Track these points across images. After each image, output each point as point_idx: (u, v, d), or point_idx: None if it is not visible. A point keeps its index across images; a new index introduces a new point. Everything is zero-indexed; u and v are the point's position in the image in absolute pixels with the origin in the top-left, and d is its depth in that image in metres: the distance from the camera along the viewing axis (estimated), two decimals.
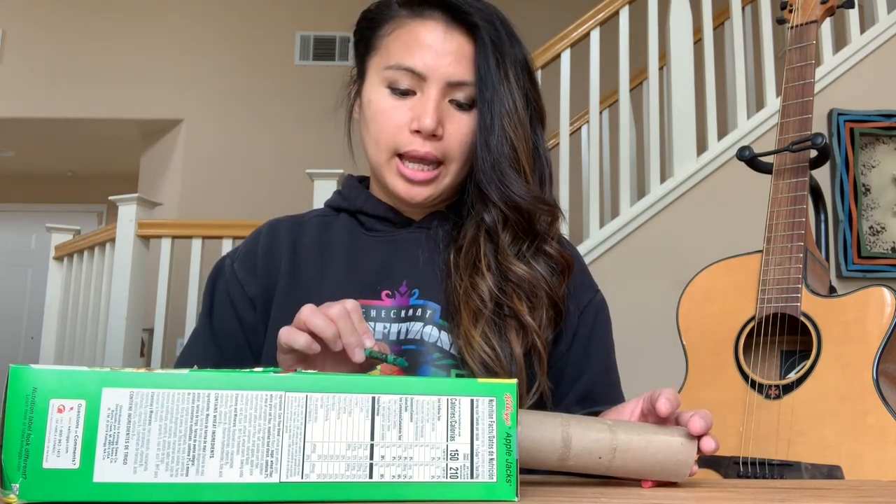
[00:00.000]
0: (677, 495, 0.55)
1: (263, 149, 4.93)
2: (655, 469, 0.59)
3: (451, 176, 0.85)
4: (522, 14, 0.88)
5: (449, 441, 0.47)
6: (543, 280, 0.84)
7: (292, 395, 0.45)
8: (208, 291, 0.90)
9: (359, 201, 0.91)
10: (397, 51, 0.83)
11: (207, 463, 0.44)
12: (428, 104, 0.81)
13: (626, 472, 0.60)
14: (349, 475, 0.45)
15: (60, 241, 3.46)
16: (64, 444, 0.42)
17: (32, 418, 0.42)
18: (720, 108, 3.11)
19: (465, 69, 0.82)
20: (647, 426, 0.61)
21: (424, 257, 0.86)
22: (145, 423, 0.43)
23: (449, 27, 0.83)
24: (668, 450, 0.59)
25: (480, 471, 0.47)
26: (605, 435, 0.59)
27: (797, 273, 1.17)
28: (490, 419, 0.48)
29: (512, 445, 0.48)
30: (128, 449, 0.43)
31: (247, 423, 0.44)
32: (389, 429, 0.47)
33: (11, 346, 6.16)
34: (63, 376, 0.43)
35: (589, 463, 0.59)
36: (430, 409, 0.47)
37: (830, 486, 0.69)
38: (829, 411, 1.09)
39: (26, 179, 6.52)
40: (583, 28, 3.08)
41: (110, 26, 5.06)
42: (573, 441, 0.58)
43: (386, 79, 0.83)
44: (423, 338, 0.81)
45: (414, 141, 0.82)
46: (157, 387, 0.44)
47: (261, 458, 0.44)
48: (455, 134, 0.83)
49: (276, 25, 5.11)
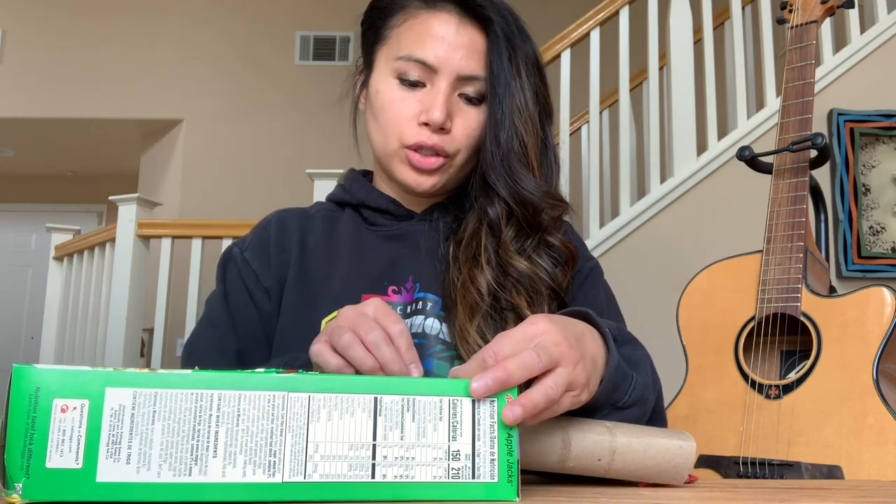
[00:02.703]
0: (677, 495, 0.55)
1: (263, 149, 4.93)
2: (654, 471, 0.60)
3: (456, 168, 0.85)
4: (522, 14, 0.88)
5: (451, 441, 0.47)
6: (546, 272, 0.83)
7: (295, 395, 0.45)
8: (220, 279, 0.88)
9: (361, 194, 0.91)
10: (409, 42, 0.82)
11: (210, 463, 0.44)
12: (437, 97, 0.80)
13: (624, 475, 0.60)
14: (352, 475, 0.45)
15: (60, 241, 3.45)
16: (67, 444, 0.42)
17: (35, 418, 0.42)
18: (720, 108, 3.11)
19: (476, 63, 0.82)
20: (647, 429, 0.61)
21: (426, 249, 0.86)
22: (148, 422, 0.43)
23: (462, 20, 0.82)
24: (666, 453, 0.59)
25: (482, 471, 0.48)
26: (605, 437, 0.59)
27: (797, 273, 1.17)
28: (491, 420, 0.48)
29: (513, 446, 0.48)
30: (131, 449, 0.43)
31: (250, 423, 0.44)
32: (391, 429, 0.47)
33: (11, 346, 6.16)
34: (66, 376, 0.43)
35: (588, 465, 0.59)
36: (432, 410, 0.48)
37: (830, 486, 0.69)
38: (829, 411, 1.09)
39: (26, 179, 6.52)
40: (583, 28, 3.08)
41: (110, 26, 5.06)
42: (573, 443, 0.58)
43: (396, 69, 0.82)
44: (426, 330, 0.81)
45: (422, 133, 0.82)
46: (160, 387, 0.44)
47: (264, 458, 0.44)
48: (463, 128, 0.83)
49: (276, 25, 5.11)
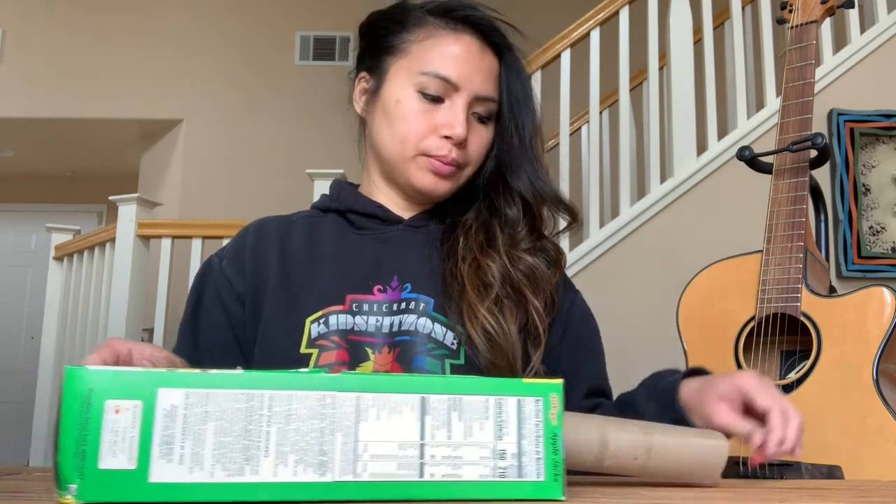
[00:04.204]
0: (677, 495, 0.55)
1: (263, 149, 4.92)
2: (687, 470, 0.61)
3: (464, 178, 0.92)
4: (522, 14, 0.89)
5: (497, 440, 0.48)
6: (542, 270, 0.91)
7: (344, 395, 0.46)
8: (196, 288, 0.93)
9: (349, 200, 0.95)
10: (433, 59, 0.88)
11: (262, 462, 0.44)
12: (459, 115, 0.87)
13: (660, 473, 0.61)
14: (400, 474, 0.46)
15: (60, 241, 3.45)
16: (120, 445, 0.42)
17: (89, 419, 0.42)
18: (720, 108, 3.11)
19: (492, 86, 0.90)
20: (680, 429, 0.63)
21: (416, 253, 0.90)
22: (201, 423, 0.43)
23: (483, 46, 0.90)
24: (700, 452, 0.61)
25: (528, 470, 0.48)
26: (641, 436, 0.60)
27: (797, 273, 1.17)
28: (537, 419, 0.49)
29: (558, 445, 0.48)
30: (183, 449, 0.43)
31: (300, 422, 0.45)
32: (439, 428, 0.47)
33: (11, 346, 6.15)
34: (119, 377, 0.43)
35: (625, 463, 0.60)
36: (478, 409, 0.48)
37: (830, 486, 0.69)
38: (829, 411, 1.09)
39: (26, 179, 6.51)
40: (583, 28, 3.08)
41: (110, 26, 5.06)
42: (610, 442, 0.59)
43: (418, 83, 0.88)
44: (417, 329, 0.84)
45: (443, 146, 0.88)
46: (211, 387, 0.44)
47: (314, 458, 0.44)
48: (475, 144, 0.90)
49: (276, 25, 5.11)
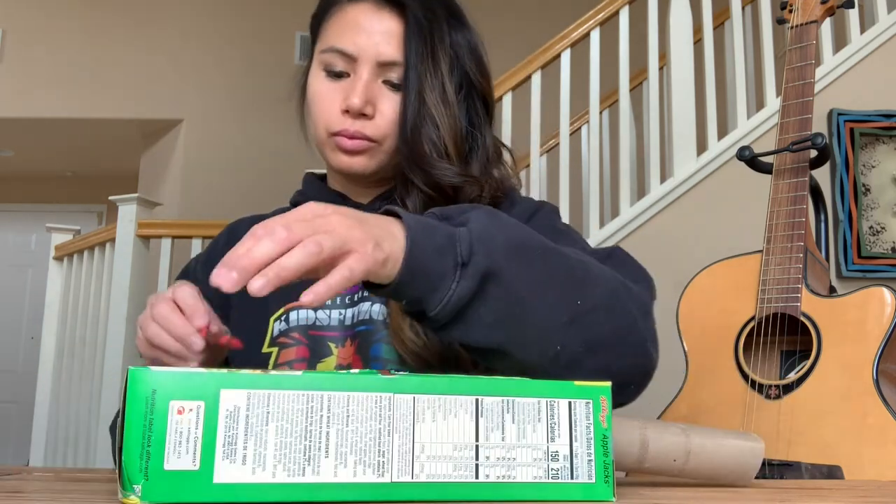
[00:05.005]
0: (677, 495, 0.56)
1: (263, 149, 4.92)
2: (724, 472, 0.62)
3: (387, 153, 0.86)
4: (522, 14, 0.88)
5: (549, 442, 0.48)
6: None
7: (401, 396, 0.46)
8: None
9: (312, 193, 0.94)
10: (332, 34, 0.86)
11: (323, 463, 0.44)
12: (357, 84, 0.83)
13: (697, 475, 0.62)
14: (456, 475, 0.46)
15: (60, 241, 3.45)
16: (184, 446, 0.42)
17: (153, 420, 0.42)
18: (720, 108, 3.11)
19: (394, 49, 0.83)
20: (719, 431, 0.64)
21: None
22: (263, 423, 0.44)
23: (379, 7, 0.85)
24: (738, 454, 0.62)
25: (580, 472, 0.48)
26: (680, 438, 0.61)
27: (797, 273, 1.17)
28: (587, 421, 0.49)
29: (608, 447, 0.49)
30: (246, 450, 0.43)
31: (358, 423, 0.45)
32: (493, 430, 0.47)
33: (11, 347, 6.15)
34: (182, 378, 0.43)
35: (664, 465, 0.61)
36: (531, 411, 0.48)
37: (830, 486, 0.69)
38: (829, 411, 1.09)
39: (26, 179, 6.51)
40: (583, 28, 3.07)
41: (110, 26, 5.06)
42: (650, 444, 0.60)
43: (322, 62, 0.86)
44: (372, 316, 0.82)
45: (345, 121, 0.84)
46: (273, 388, 0.44)
47: (373, 459, 0.45)
48: (387, 113, 0.84)
49: (276, 25, 5.10)
